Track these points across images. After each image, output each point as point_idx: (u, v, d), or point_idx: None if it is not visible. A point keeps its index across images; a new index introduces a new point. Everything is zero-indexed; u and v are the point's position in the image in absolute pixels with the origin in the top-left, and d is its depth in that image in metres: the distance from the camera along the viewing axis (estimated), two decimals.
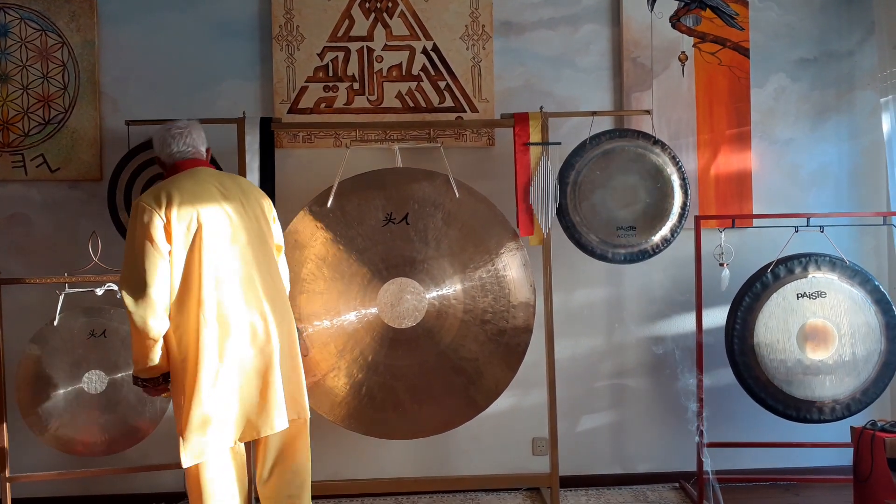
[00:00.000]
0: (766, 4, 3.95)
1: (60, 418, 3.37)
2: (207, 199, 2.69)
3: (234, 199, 2.75)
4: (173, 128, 2.84)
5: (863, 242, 3.96)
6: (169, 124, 2.88)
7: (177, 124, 2.87)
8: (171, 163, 2.82)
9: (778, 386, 3.56)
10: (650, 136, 3.64)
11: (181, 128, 2.85)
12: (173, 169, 2.81)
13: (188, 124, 2.88)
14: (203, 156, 2.87)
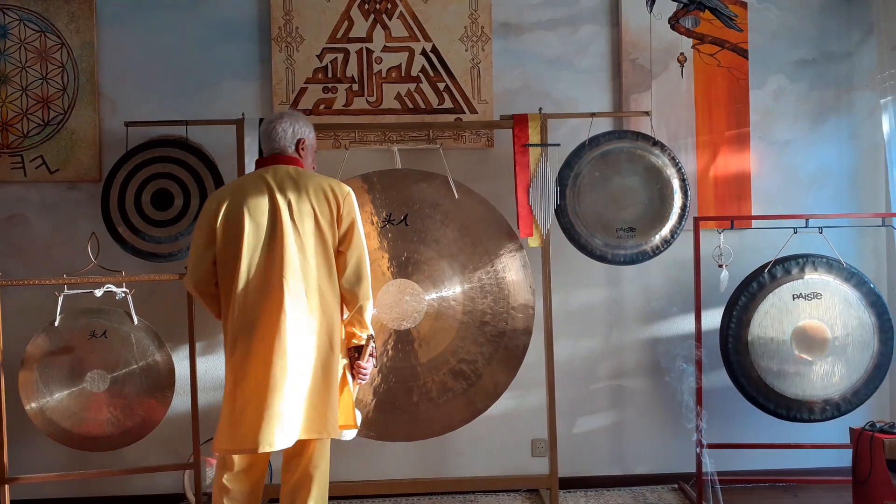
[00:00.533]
0: (764, 6, 3.95)
1: (62, 417, 3.37)
2: (235, 203, 2.64)
3: (275, 200, 2.62)
4: (264, 122, 2.81)
5: (862, 244, 3.97)
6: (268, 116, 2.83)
7: (266, 118, 2.81)
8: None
9: (770, 385, 3.58)
10: (649, 138, 3.64)
11: (266, 123, 2.78)
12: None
13: (272, 119, 2.77)
14: (280, 150, 2.72)
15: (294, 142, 2.74)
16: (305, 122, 2.79)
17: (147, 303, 3.57)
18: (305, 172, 2.71)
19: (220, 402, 3.75)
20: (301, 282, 2.59)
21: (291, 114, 2.79)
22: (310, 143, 2.80)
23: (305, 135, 2.77)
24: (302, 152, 2.76)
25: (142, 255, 3.52)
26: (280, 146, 2.72)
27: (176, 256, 3.53)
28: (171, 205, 3.53)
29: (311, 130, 2.81)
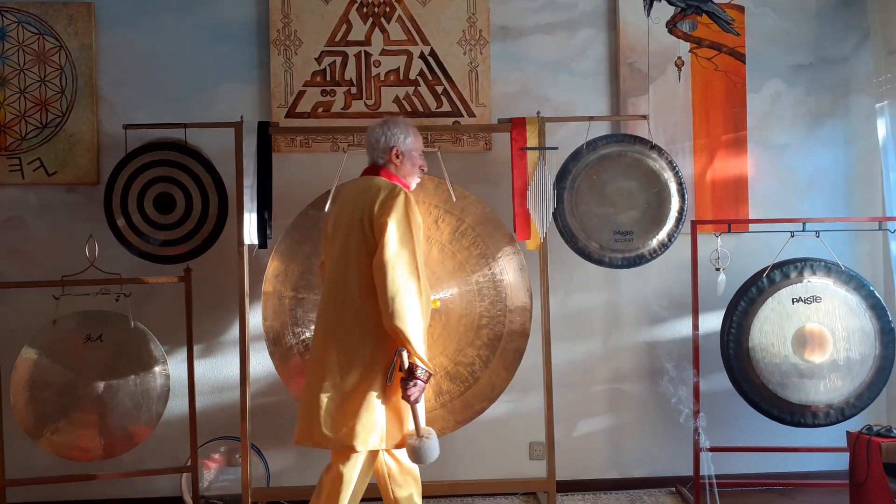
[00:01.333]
0: (761, 10, 3.96)
1: (56, 422, 3.36)
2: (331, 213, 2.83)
3: (338, 213, 2.74)
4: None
5: (858, 247, 3.98)
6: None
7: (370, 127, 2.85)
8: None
9: (772, 390, 3.57)
10: (647, 141, 3.65)
11: (367, 132, 2.83)
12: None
13: (371, 128, 2.83)
14: (373, 161, 2.81)
15: (386, 151, 2.78)
16: (403, 128, 2.80)
17: (144, 306, 3.57)
18: (373, 182, 2.71)
19: (217, 404, 3.78)
20: (343, 296, 2.64)
21: (386, 122, 2.82)
22: (406, 148, 2.79)
23: (399, 142, 2.78)
24: (397, 160, 2.79)
25: (145, 256, 3.52)
26: (373, 157, 2.81)
27: (179, 259, 3.52)
28: (173, 208, 3.53)
29: (407, 135, 2.81)
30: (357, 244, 2.63)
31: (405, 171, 2.81)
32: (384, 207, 2.60)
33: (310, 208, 3.45)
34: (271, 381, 3.70)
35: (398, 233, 2.57)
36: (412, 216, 2.61)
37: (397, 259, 2.55)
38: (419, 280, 2.58)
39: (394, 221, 2.57)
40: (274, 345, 3.42)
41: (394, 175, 2.79)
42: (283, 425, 3.76)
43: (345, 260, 2.66)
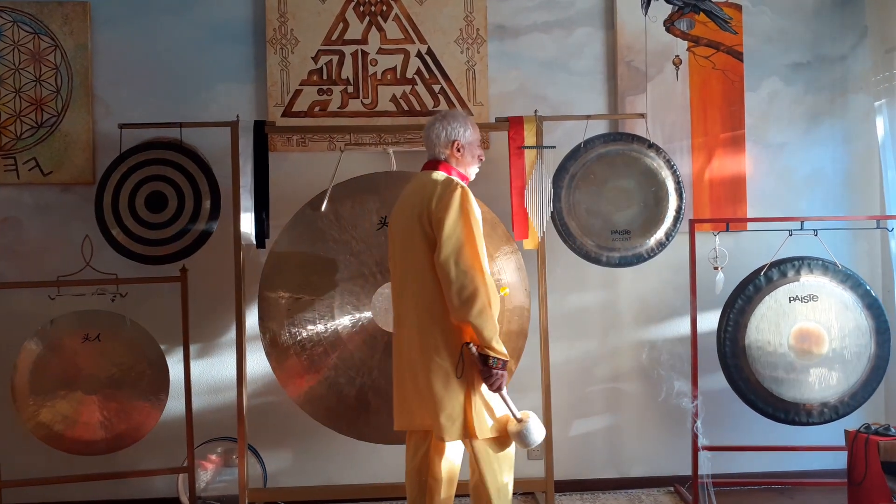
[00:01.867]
0: (759, 9, 3.96)
1: (55, 421, 3.36)
2: (394, 209, 2.83)
3: (400, 207, 2.76)
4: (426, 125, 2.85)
5: (856, 246, 3.97)
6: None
7: (428, 121, 2.84)
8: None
9: (767, 388, 3.58)
10: (645, 140, 3.64)
11: (426, 127, 2.82)
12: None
13: (429, 122, 2.82)
14: (433, 156, 2.79)
15: (447, 145, 2.77)
16: (462, 121, 2.80)
17: (141, 306, 3.56)
18: (432, 177, 2.71)
19: (213, 405, 3.77)
20: (406, 290, 2.68)
21: (447, 115, 2.81)
22: (466, 140, 2.79)
23: (460, 135, 2.77)
24: (458, 153, 2.78)
25: (136, 258, 3.50)
26: (433, 152, 2.80)
27: (172, 259, 3.51)
28: (165, 207, 3.52)
29: (466, 127, 2.80)
30: (416, 239, 2.63)
31: (465, 163, 2.81)
32: (441, 203, 2.59)
33: (307, 207, 3.44)
34: (268, 382, 3.69)
35: (457, 227, 2.56)
36: (469, 209, 2.60)
37: (459, 254, 2.54)
38: (483, 272, 2.59)
39: (452, 216, 2.56)
40: (271, 345, 3.41)
41: (454, 168, 2.78)
42: (279, 426, 3.75)
43: (406, 255, 2.69)
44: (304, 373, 3.42)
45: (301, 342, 3.40)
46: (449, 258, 2.54)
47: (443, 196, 2.60)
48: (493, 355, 2.55)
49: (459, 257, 2.54)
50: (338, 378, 3.42)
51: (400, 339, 2.75)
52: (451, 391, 2.59)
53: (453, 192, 2.61)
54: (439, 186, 2.65)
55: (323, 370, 3.42)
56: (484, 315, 2.53)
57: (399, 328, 2.76)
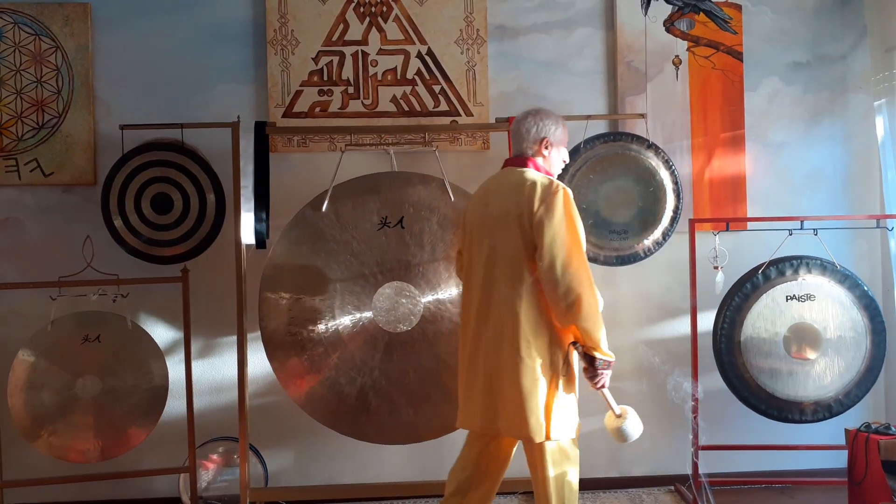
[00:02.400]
0: (759, 9, 3.96)
1: (53, 424, 3.36)
2: (474, 202, 2.80)
3: (485, 202, 2.71)
4: (514, 121, 2.82)
5: (856, 245, 3.98)
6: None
7: (516, 117, 2.81)
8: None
9: (762, 385, 3.59)
10: (644, 140, 3.65)
11: (514, 122, 2.80)
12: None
13: (519, 117, 2.79)
14: (520, 152, 2.74)
15: (537, 141, 2.73)
16: (554, 119, 2.77)
17: (142, 306, 3.57)
18: (525, 175, 2.65)
19: (215, 405, 3.77)
20: (491, 290, 2.62)
21: (538, 111, 2.78)
22: (556, 140, 2.75)
23: (550, 133, 2.74)
24: (546, 151, 2.74)
25: (143, 257, 3.51)
26: (521, 147, 2.75)
27: (176, 259, 3.52)
28: (171, 209, 3.53)
29: (557, 126, 2.76)
30: (511, 238, 2.59)
31: (551, 162, 2.76)
32: (545, 204, 2.54)
33: (307, 208, 3.45)
34: (269, 382, 3.70)
35: (561, 230, 2.52)
36: (573, 211, 2.57)
37: (564, 259, 2.50)
38: (589, 274, 2.55)
39: (556, 219, 2.53)
40: (271, 346, 3.41)
41: (541, 167, 2.73)
42: (281, 426, 3.76)
43: (494, 254, 2.63)
44: (304, 373, 3.42)
45: (302, 342, 3.41)
46: (554, 264, 2.50)
47: (545, 198, 2.55)
48: (601, 357, 2.58)
49: (565, 262, 2.50)
50: (338, 378, 3.43)
51: (477, 338, 2.67)
52: (539, 392, 2.57)
53: (556, 193, 2.56)
54: (539, 187, 2.58)
55: (324, 370, 3.43)
56: (591, 319, 2.52)
57: (478, 327, 2.67)
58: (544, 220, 2.52)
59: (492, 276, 2.63)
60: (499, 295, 2.61)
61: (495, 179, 2.78)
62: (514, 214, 2.58)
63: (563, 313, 2.52)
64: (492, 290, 2.63)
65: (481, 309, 2.66)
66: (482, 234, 2.69)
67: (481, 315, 2.66)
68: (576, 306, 2.50)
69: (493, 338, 2.61)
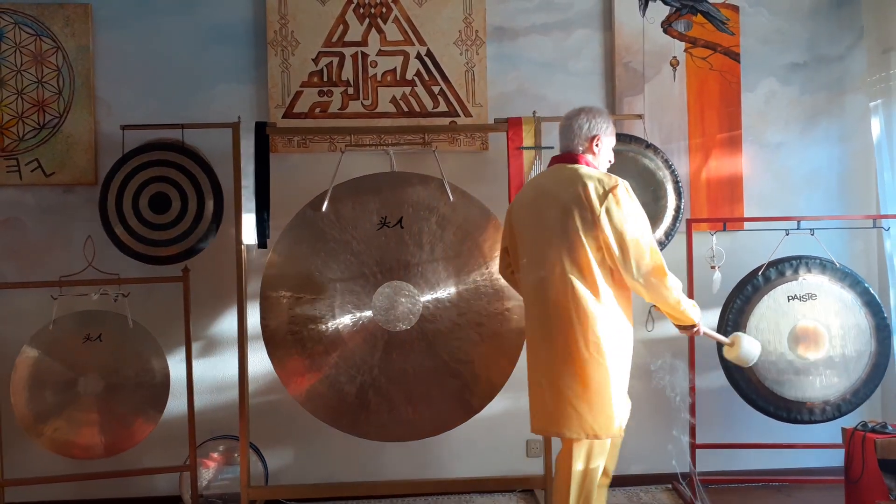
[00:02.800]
0: (756, 10, 3.98)
1: (56, 421, 3.38)
2: (522, 201, 2.85)
3: (536, 203, 2.75)
4: (563, 118, 2.87)
5: (853, 245, 4.00)
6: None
7: (566, 114, 2.87)
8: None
9: (769, 387, 3.60)
10: (642, 141, 3.67)
11: (564, 119, 2.86)
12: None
13: (570, 114, 2.85)
14: (569, 149, 2.79)
15: (587, 139, 2.77)
16: (604, 118, 2.82)
17: (143, 305, 3.58)
18: (580, 171, 2.70)
19: (215, 404, 3.79)
20: (546, 285, 2.67)
21: (590, 109, 2.82)
22: (605, 138, 2.80)
23: (602, 130, 2.79)
24: (596, 148, 2.79)
25: (142, 258, 3.52)
26: (571, 144, 2.78)
27: (176, 259, 3.53)
28: (169, 208, 3.54)
29: (608, 125, 2.82)
30: (568, 233, 2.63)
31: (599, 161, 2.80)
32: (610, 198, 2.61)
33: (307, 208, 3.47)
34: (270, 381, 3.71)
35: (633, 221, 2.61)
36: (637, 205, 2.65)
37: (643, 246, 2.61)
38: (665, 267, 2.65)
39: (625, 211, 2.60)
40: (272, 344, 3.43)
41: (591, 164, 2.77)
42: (281, 424, 3.77)
43: (549, 249, 2.67)
44: (305, 371, 3.44)
45: (302, 341, 3.42)
46: (632, 255, 2.60)
47: (609, 192, 2.61)
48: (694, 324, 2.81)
49: (640, 253, 2.61)
50: (338, 376, 3.45)
51: (535, 337, 2.74)
52: (607, 390, 2.65)
53: (617, 187, 2.63)
54: (599, 183, 2.64)
55: (324, 369, 3.45)
56: (682, 305, 2.71)
57: (540, 329, 2.72)
58: (612, 214, 2.60)
59: (550, 277, 2.67)
60: (557, 292, 2.65)
61: (545, 177, 2.83)
62: (574, 210, 2.63)
63: (650, 297, 2.67)
64: (548, 288, 2.67)
65: (541, 309, 2.69)
66: (536, 233, 2.73)
67: (541, 319, 2.69)
68: (675, 305, 2.69)
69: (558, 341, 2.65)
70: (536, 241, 2.74)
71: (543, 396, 2.73)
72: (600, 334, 2.63)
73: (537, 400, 2.77)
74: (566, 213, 2.64)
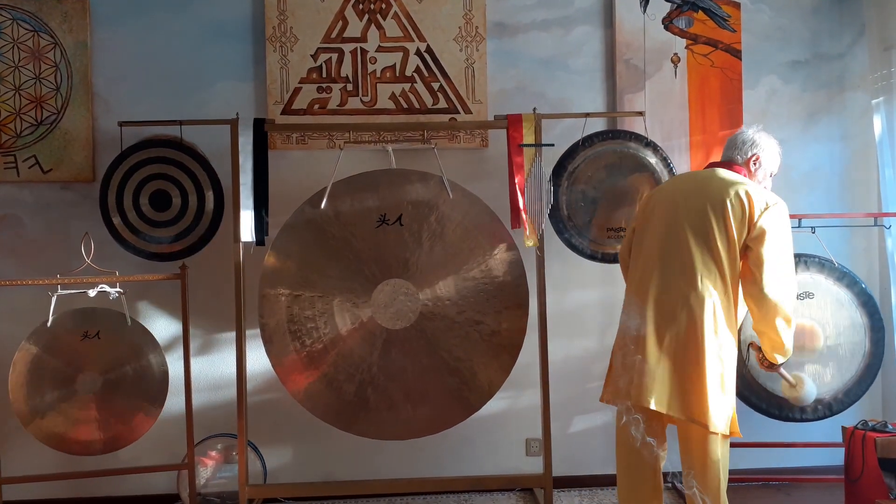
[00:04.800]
0: (757, 6, 3.97)
1: (55, 417, 3.37)
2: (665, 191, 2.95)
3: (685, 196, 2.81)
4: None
5: (854, 243, 3.99)
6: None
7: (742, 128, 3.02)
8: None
9: (762, 384, 3.60)
10: (643, 138, 3.65)
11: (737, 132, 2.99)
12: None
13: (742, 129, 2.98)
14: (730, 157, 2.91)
15: (747, 153, 2.89)
16: (774, 146, 2.93)
17: (141, 303, 3.57)
18: (738, 179, 2.79)
19: (213, 402, 3.78)
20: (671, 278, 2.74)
21: (762, 132, 2.92)
22: (765, 162, 2.90)
23: (762, 151, 2.88)
24: (753, 167, 2.89)
25: (141, 254, 3.51)
26: (730, 154, 2.90)
27: (175, 256, 3.52)
28: (168, 205, 3.53)
29: (773, 152, 2.93)
30: (708, 234, 2.71)
31: (755, 180, 2.89)
32: (768, 216, 2.69)
33: (306, 205, 3.45)
34: (268, 379, 3.70)
35: (782, 246, 2.70)
36: (789, 228, 2.75)
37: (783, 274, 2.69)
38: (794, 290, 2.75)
39: (779, 233, 2.70)
40: (270, 342, 3.42)
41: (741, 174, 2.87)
42: (279, 422, 3.77)
43: (680, 242, 2.74)
44: (303, 369, 3.43)
45: (301, 339, 3.41)
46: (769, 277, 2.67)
47: (767, 209, 2.69)
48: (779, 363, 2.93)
49: (779, 278, 2.68)
50: (337, 375, 3.44)
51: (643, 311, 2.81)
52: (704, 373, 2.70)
53: (777, 205, 2.72)
54: (758, 196, 2.71)
55: (322, 367, 3.44)
56: (787, 334, 2.78)
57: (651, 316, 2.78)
58: (766, 233, 2.68)
59: (677, 267, 2.74)
60: (681, 290, 2.71)
61: (696, 175, 2.95)
62: (720, 212, 2.71)
63: (764, 323, 2.75)
64: (672, 282, 2.74)
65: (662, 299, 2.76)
66: (672, 223, 2.79)
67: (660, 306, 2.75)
68: (778, 321, 2.73)
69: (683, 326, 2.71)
70: (668, 230, 2.80)
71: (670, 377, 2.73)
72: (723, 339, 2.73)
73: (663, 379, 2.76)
74: (711, 212, 2.72)
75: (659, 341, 2.74)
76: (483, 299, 3.47)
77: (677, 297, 2.73)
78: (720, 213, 2.71)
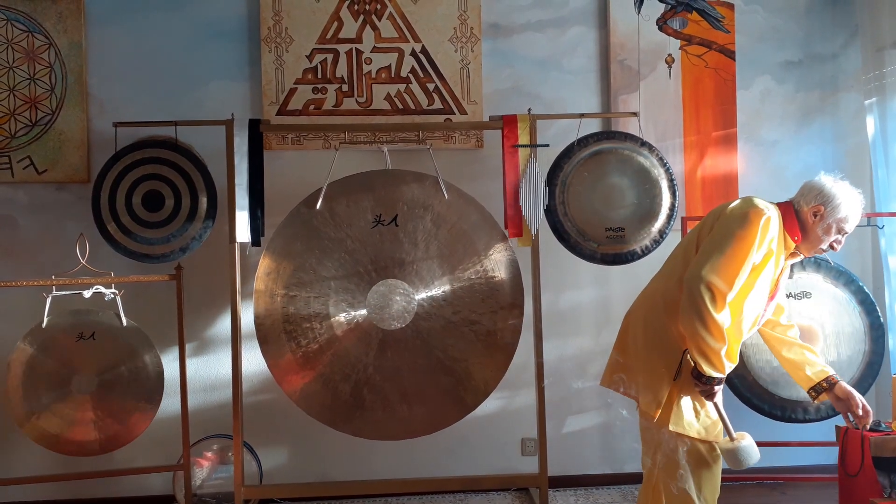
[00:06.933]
0: (751, 7, 3.98)
1: (51, 419, 3.36)
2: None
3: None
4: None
5: (847, 243, 3.93)
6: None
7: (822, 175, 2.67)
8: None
9: (763, 386, 3.60)
10: (637, 138, 3.66)
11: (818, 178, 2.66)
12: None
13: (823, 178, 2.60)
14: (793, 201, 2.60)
15: (812, 202, 2.54)
16: (846, 203, 2.57)
17: (136, 304, 3.56)
18: (765, 210, 2.44)
19: (209, 403, 3.78)
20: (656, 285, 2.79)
21: (842, 185, 2.59)
22: (830, 216, 2.54)
23: (830, 206, 2.54)
24: (813, 218, 2.54)
25: (135, 256, 3.51)
26: (796, 197, 2.60)
27: (169, 257, 3.51)
28: (162, 206, 3.52)
29: (843, 210, 2.55)
30: (690, 239, 2.62)
31: (812, 230, 2.55)
32: (734, 212, 2.45)
33: (301, 206, 3.45)
34: (263, 379, 3.70)
35: (730, 242, 2.40)
36: (756, 237, 2.39)
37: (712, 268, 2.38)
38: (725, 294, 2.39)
39: (732, 228, 2.41)
40: (266, 343, 3.42)
41: (796, 225, 2.55)
42: (275, 423, 3.76)
43: (684, 254, 2.65)
44: (299, 370, 3.43)
45: (297, 339, 3.41)
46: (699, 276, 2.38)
47: (739, 208, 2.46)
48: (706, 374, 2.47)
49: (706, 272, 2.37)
50: (333, 375, 3.44)
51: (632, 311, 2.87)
52: (660, 372, 2.59)
53: (753, 209, 2.43)
54: (744, 201, 2.50)
55: (318, 367, 3.44)
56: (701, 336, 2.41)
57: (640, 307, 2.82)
58: (719, 223, 2.45)
59: (666, 269, 2.78)
60: (669, 292, 2.62)
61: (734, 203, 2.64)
62: (709, 223, 2.53)
63: (684, 316, 2.45)
64: (668, 285, 2.68)
65: (644, 299, 2.85)
66: (689, 234, 2.67)
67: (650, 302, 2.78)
68: (696, 316, 2.39)
69: (643, 321, 2.74)
70: (682, 241, 2.75)
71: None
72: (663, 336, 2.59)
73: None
74: (706, 223, 2.55)
75: (635, 335, 2.79)
76: (478, 299, 3.48)
77: (654, 292, 2.78)
78: (709, 226, 2.54)
